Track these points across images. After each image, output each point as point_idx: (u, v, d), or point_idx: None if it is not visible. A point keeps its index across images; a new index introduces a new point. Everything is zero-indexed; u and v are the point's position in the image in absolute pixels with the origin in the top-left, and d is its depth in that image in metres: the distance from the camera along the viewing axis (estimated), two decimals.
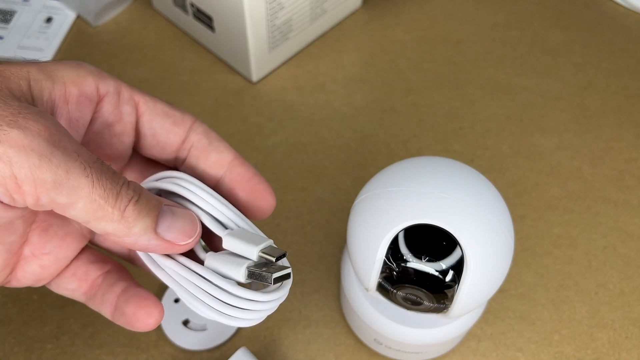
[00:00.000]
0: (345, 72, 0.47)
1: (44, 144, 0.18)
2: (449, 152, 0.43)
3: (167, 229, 0.21)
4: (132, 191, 0.20)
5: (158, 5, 0.50)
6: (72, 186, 0.19)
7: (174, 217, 0.22)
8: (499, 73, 0.48)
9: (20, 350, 0.35)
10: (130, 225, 0.20)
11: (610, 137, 0.44)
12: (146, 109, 0.24)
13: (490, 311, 0.37)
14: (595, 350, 0.36)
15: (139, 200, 0.20)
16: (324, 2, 0.46)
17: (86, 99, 0.23)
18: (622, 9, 0.52)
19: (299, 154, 0.43)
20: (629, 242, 0.39)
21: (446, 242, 0.26)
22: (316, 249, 0.39)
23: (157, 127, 0.25)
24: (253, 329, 0.36)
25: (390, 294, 0.28)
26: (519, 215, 0.40)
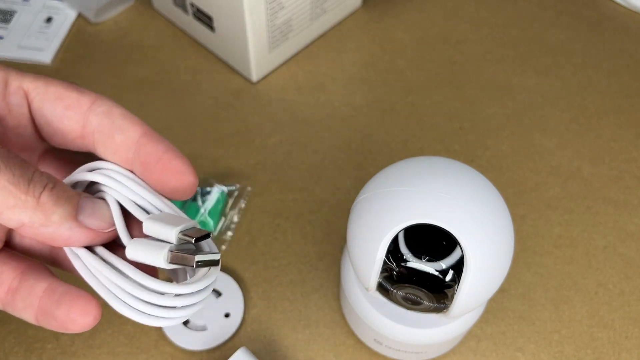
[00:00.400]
0: (345, 72, 0.47)
1: None
2: (449, 152, 0.43)
3: (90, 216, 0.20)
4: (45, 178, 0.19)
5: (158, 5, 0.50)
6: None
7: (94, 204, 0.21)
8: (499, 73, 0.48)
9: (20, 350, 0.35)
10: (48, 212, 0.19)
11: (610, 137, 0.44)
12: (36, 96, 0.22)
13: (490, 311, 0.37)
14: (595, 350, 0.36)
15: (54, 187, 0.19)
16: (324, 2, 0.46)
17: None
18: (622, 9, 0.52)
19: (299, 154, 0.43)
20: (629, 242, 0.39)
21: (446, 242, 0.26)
22: (316, 249, 0.39)
23: (48, 113, 0.22)
24: (253, 328, 0.36)
25: (390, 294, 0.28)
26: (519, 215, 0.40)
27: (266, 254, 0.38)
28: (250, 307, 0.37)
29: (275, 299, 0.37)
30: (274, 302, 0.37)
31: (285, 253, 0.38)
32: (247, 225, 0.39)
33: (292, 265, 0.38)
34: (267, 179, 0.41)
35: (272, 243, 0.39)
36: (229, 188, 0.40)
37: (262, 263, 0.38)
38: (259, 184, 0.41)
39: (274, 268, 0.38)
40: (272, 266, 0.38)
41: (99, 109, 0.22)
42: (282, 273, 0.38)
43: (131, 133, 0.22)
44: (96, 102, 0.22)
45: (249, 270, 0.38)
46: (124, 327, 0.36)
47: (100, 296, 0.20)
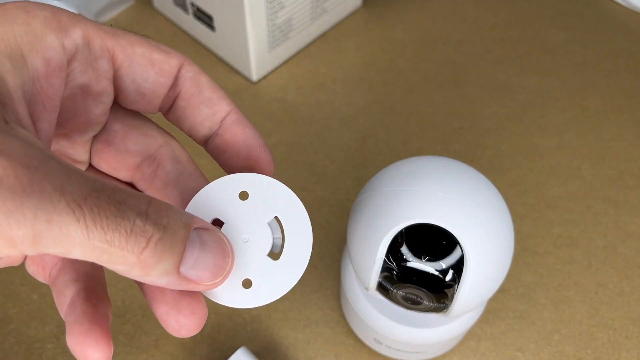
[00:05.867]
0: (346, 72, 0.47)
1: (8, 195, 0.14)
2: (449, 151, 0.43)
3: (193, 267, 0.17)
4: (151, 226, 0.15)
5: (158, 4, 0.50)
6: (58, 237, 0.14)
7: (202, 249, 0.17)
8: (499, 73, 0.48)
9: (21, 350, 0.35)
10: (149, 269, 0.16)
11: (610, 136, 0.44)
12: (124, 59, 0.19)
13: (490, 311, 0.37)
14: (595, 350, 0.36)
15: (162, 237, 0.16)
16: (324, 2, 0.46)
17: (55, 68, 0.18)
18: (622, 9, 0.52)
19: (299, 154, 0.43)
20: (629, 242, 0.39)
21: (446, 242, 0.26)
22: (316, 248, 0.39)
23: (140, 80, 0.20)
24: (253, 328, 0.36)
25: (390, 294, 0.28)
26: (519, 215, 0.40)
27: None
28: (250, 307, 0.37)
29: None
30: (274, 302, 0.37)
31: None
32: None
33: None
34: None
35: None
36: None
37: None
38: None
39: None
40: None
41: (187, 74, 0.20)
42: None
43: (218, 109, 0.21)
44: (184, 66, 0.20)
45: None
46: (124, 327, 0.36)
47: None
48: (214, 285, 0.18)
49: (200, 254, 0.17)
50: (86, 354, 0.17)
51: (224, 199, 0.19)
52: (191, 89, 0.20)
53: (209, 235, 0.17)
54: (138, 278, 0.16)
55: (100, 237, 0.15)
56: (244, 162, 0.20)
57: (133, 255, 0.15)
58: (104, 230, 0.15)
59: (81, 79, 0.19)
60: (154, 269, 0.16)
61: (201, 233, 0.17)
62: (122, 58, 0.19)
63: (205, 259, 0.17)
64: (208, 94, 0.21)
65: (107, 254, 0.15)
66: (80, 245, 0.15)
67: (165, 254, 0.16)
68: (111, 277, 0.37)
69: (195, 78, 0.20)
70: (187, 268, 0.16)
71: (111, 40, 0.19)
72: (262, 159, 0.21)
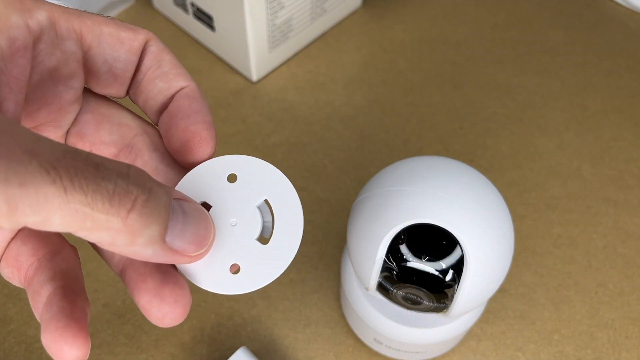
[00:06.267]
0: (345, 72, 0.47)
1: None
2: (449, 151, 0.43)
3: (178, 237, 0.16)
4: (134, 186, 0.15)
5: (158, 4, 0.50)
6: (35, 201, 0.13)
7: (185, 218, 0.16)
8: (499, 73, 0.48)
9: (20, 350, 0.35)
10: (135, 235, 0.15)
11: (610, 136, 0.44)
12: (93, 39, 0.19)
13: (490, 311, 0.37)
14: (595, 350, 0.36)
15: (148, 199, 0.15)
16: (324, 2, 0.46)
17: (20, 48, 0.17)
18: (622, 9, 0.52)
19: (299, 154, 0.43)
20: (629, 242, 0.39)
21: (446, 242, 0.26)
22: (316, 248, 0.39)
23: (111, 59, 0.19)
24: (253, 328, 0.36)
25: (390, 294, 0.28)
26: (518, 215, 0.40)
27: None
28: (250, 307, 0.37)
29: (275, 298, 0.37)
30: (274, 302, 0.37)
31: None
32: None
33: (292, 265, 0.38)
34: None
35: None
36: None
37: None
38: None
39: None
40: None
41: (150, 49, 0.20)
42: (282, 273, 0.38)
43: (174, 83, 0.20)
44: (149, 41, 0.20)
45: None
46: (124, 327, 0.36)
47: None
48: (198, 257, 0.17)
49: (183, 223, 0.16)
50: (62, 351, 0.16)
51: (211, 183, 0.19)
52: (150, 62, 0.20)
53: (189, 205, 0.17)
54: (124, 247, 0.15)
55: (80, 199, 0.14)
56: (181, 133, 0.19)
57: (119, 219, 0.14)
58: (84, 192, 0.14)
59: (49, 62, 0.18)
60: (140, 235, 0.15)
61: (181, 203, 0.17)
62: (91, 38, 0.19)
63: (189, 229, 0.16)
64: (166, 69, 0.20)
65: (89, 219, 0.14)
66: (60, 211, 0.13)
67: (152, 218, 0.15)
68: (111, 277, 0.37)
69: (158, 53, 0.20)
70: (173, 238, 0.16)
71: (77, 21, 0.18)
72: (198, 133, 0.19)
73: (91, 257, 0.38)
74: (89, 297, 0.36)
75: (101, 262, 0.38)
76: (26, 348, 0.35)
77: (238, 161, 0.19)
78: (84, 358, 0.17)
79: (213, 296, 0.37)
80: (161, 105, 0.20)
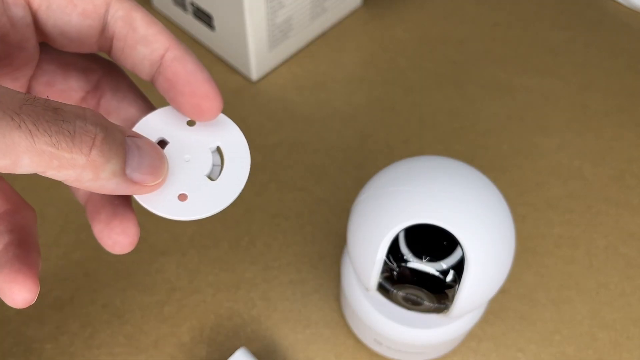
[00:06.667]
0: (346, 71, 0.47)
1: None
2: (450, 151, 0.43)
3: (136, 169, 0.18)
4: (92, 126, 0.16)
5: (158, 3, 0.50)
6: (3, 145, 0.14)
7: (140, 152, 0.18)
8: (500, 72, 0.47)
9: (19, 351, 0.35)
10: (99, 169, 0.16)
11: (611, 136, 0.44)
12: (42, 2, 0.19)
13: (491, 311, 0.36)
14: (597, 350, 0.35)
15: (106, 135, 0.16)
16: (324, 1, 0.46)
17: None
18: (624, 9, 0.52)
19: (299, 154, 0.42)
20: (630, 242, 0.39)
21: (447, 242, 0.26)
22: (316, 249, 0.38)
23: (62, 24, 0.19)
24: (252, 328, 0.36)
25: (391, 294, 0.27)
26: (519, 215, 0.40)
27: (266, 254, 0.38)
28: (249, 308, 0.36)
29: (275, 299, 0.37)
30: (274, 302, 0.37)
31: (285, 253, 0.38)
32: (246, 225, 0.39)
33: (292, 265, 0.38)
34: (267, 178, 0.41)
35: (272, 243, 0.39)
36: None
37: (262, 263, 0.38)
38: (259, 184, 0.41)
39: (273, 268, 0.38)
40: (272, 266, 0.38)
41: (117, 14, 0.19)
42: (282, 273, 0.38)
43: (156, 46, 0.20)
44: (112, 4, 0.19)
45: (248, 270, 0.38)
46: (123, 327, 0.36)
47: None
48: (155, 187, 0.19)
49: (139, 157, 0.18)
50: (12, 291, 0.18)
51: (171, 124, 0.20)
52: (124, 29, 0.19)
53: (142, 140, 0.18)
54: (90, 182, 0.16)
55: (45, 140, 0.15)
56: (189, 99, 0.20)
57: (82, 156, 0.16)
58: (48, 133, 0.15)
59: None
60: (103, 169, 0.16)
61: (134, 139, 0.18)
62: (39, 2, 0.19)
63: (145, 161, 0.18)
64: (143, 32, 0.20)
65: (55, 158, 0.15)
66: (28, 152, 0.15)
67: (112, 153, 0.16)
68: (110, 277, 0.37)
69: (127, 17, 0.19)
70: (132, 170, 0.17)
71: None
72: (206, 95, 0.20)
73: (91, 257, 0.38)
74: (88, 297, 0.36)
75: (101, 263, 0.38)
76: (25, 348, 0.35)
77: None
78: (31, 301, 0.18)
79: (212, 297, 0.37)
80: (150, 70, 0.20)
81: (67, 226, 0.39)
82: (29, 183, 0.35)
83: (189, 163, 0.20)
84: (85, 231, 0.39)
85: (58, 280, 0.37)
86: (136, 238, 0.20)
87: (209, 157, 0.20)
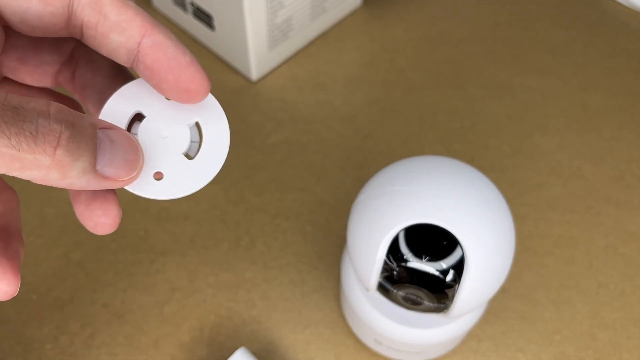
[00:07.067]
0: (346, 71, 0.47)
1: None
2: (450, 151, 0.43)
3: (108, 164, 0.17)
4: (57, 124, 0.15)
5: (157, 4, 0.50)
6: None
7: (113, 146, 0.17)
8: (500, 72, 0.47)
9: (19, 351, 0.35)
10: (66, 169, 0.16)
11: (611, 136, 0.44)
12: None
13: (491, 311, 0.36)
14: (597, 350, 0.35)
15: (72, 133, 0.15)
16: (324, 1, 0.46)
17: None
18: (624, 9, 0.52)
19: (299, 154, 0.42)
20: (630, 242, 0.39)
21: (447, 242, 0.26)
22: (316, 249, 0.38)
23: (19, 11, 0.18)
24: (252, 329, 0.36)
25: (391, 294, 0.27)
26: (519, 215, 0.40)
27: (266, 254, 0.38)
28: (249, 308, 0.36)
29: (275, 299, 0.37)
30: (274, 302, 0.37)
31: (285, 253, 0.38)
32: (246, 225, 0.39)
33: (292, 265, 0.38)
34: (267, 178, 0.41)
35: (272, 243, 0.39)
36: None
37: (261, 263, 0.38)
38: (259, 183, 0.41)
39: (273, 268, 0.38)
40: (271, 266, 0.38)
41: (84, 0, 0.18)
42: (282, 273, 0.38)
43: (131, 32, 0.18)
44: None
45: (248, 270, 0.38)
46: (123, 327, 0.36)
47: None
48: (130, 180, 0.18)
49: (112, 151, 0.17)
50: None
51: (149, 96, 0.20)
52: (93, 16, 0.18)
53: (115, 133, 0.17)
54: (58, 182, 0.16)
55: (4, 142, 0.14)
56: (173, 86, 0.19)
57: (46, 157, 0.15)
58: (7, 135, 0.14)
59: None
60: (71, 168, 0.16)
61: (107, 132, 0.17)
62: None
63: (118, 155, 0.17)
64: (114, 18, 0.18)
65: (17, 160, 0.15)
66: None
67: (80, 151, 0.16)
68: (110, 277, 0.37)
69: (94, 2, 0.18)
70: (103, 165, 0.17)
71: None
72: (191, 79, 0.19)
73: (91, 257, 0.38)
74: (88, 297, 0.36)
75: (101, 263, 0.38)
76: (25, 348, 0.35)
77: None
78: (12, 294, 0.18)
79: (212, 297, 0.37)
80: (128, 58, 0.19)
81: (67, 226, 0.39)
82: (29, 183, 0.35)
83: (166, 140, 0.19)
84: (85, 231, 0.39)
85: (58, 280, 0.37)
86: (118, 219, 0.19)
87: (187, 134, 0.20)
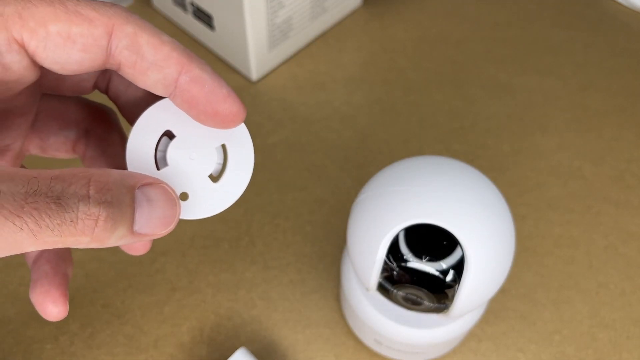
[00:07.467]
0: (346, 72, 0.47)
1: None
2: (450, 151, 0.43)
3: (144, 225, 0.17)
4: (96, 207, 0.16)
5: (158, 4, 0.50)
6: (6, 245, 0.15)
7: (150, 205, 0.17)
8: (500, 72, 0.47)
9: (19, 351, 0.35)
10: (104, 241, 0.16)
11: (611, 136, 0.44)
12: (38, 44, 0.17)
13: (491, 311, 0.36)
14: (597, 350, 0.35)
15: (110, 213, 0.16)
16: (324, 1, 0.46)
17: None
18: (624, 9, 0.52)
19: (299, 154, 0.42)
20: (630, 242, 0.39)
21: (447, 242, 0.26)
22: (316, 249, 0.38)
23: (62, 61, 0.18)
24: (252, 329, 0.36)
25: (391, 294, 0.27)
26: (519, 215, 0.40)
27: (266, 254, 0.38)
28: (249, 308, 0.36)
29: (275, 299, 0.37)
30: (274, 302, 0.37)
31: (285, 253, 0.38)
32: (246, 225, 0.39)
33: (292, 265, 0.38)
34: (267, 178, 0.41)
35: (272, 243, 0.39)
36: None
37: (261, 263, 0.38)
38: (259, 184, 0.41)
39: (273, 268, 0.38)
40: (271, 266, 0.38)
41: (121, 43, 0.18)
42: (282, 273, 0.38)
43: (168, 71, 0.18)
44: (115, 33, 0.18)
45: (248, 270, 0.38)
46: (123, 327, 0.36)
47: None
48: (167, 232, 0.19)
49: (149, 211, 0.17)
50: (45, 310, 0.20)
51: (179, 115, 0.20)
52: (130, 57, 0.18)
53: (154, 190, 0.18)
54: (95, 247, 0.17)
55: (48, 234, 0.15)
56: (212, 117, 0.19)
57: (85, 237, 0.16)
58: (50, 228, 0.15)
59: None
60: (108, 239, 0.16)
61: (146, 190, 0.17)
62: (35, 44, 0.17)
63: (155, 214, 0.18)
64: (151, 58, 0.18)
65: (60, 243, 0.16)
66: (32, 245, 0.15)
67: (117, 225, 0.16)
68: (111, 278, 0.37)
69: (132, 45, 0.18)
70: (140, 226, 0.17)
71: (17, 26, 0.17)
72: (230, 111, 0.19)
73: (91, 258, 0.38)
74: (88, 297, 0.36)
75: (101, 263, 0.38)
76: (25, 348, 0.35)
77: None
78: (63, 316, 0.20)
79: (212, 297, 0.37)
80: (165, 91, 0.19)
81: None
82: None
83: (194, 161, 0.20)
84: None
85: None
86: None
87: (214, 156, 0.20)
